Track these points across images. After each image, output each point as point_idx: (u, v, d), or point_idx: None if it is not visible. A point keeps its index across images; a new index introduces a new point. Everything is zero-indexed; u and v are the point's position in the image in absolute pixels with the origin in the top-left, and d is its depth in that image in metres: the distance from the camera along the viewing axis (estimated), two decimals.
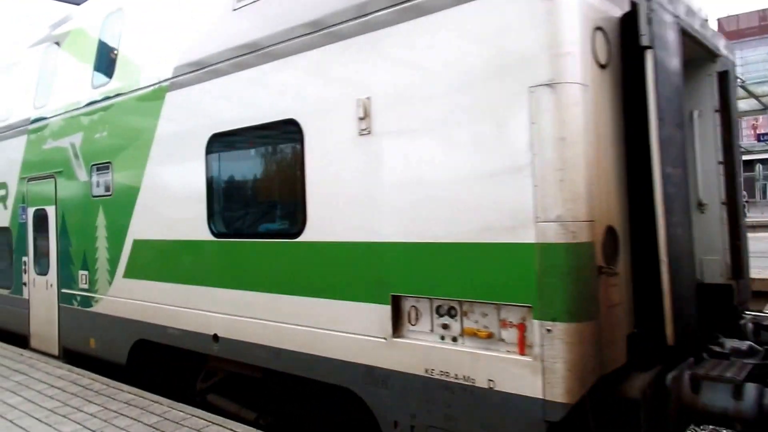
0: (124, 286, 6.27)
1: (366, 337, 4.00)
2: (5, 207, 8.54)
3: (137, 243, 6.08)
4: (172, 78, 5.61)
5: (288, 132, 4.58)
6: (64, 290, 7.30)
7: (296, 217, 4.54)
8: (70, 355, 7.30)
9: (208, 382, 5.72)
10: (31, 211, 7.96)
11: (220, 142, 5.18)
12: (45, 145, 7.60)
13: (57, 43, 7.67)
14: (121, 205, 6.28)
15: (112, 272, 6.43)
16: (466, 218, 3.45)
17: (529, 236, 3.18)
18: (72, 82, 7.25)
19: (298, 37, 4.40)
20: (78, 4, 9.09)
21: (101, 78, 6.69)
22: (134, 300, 6.13)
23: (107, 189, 6.49)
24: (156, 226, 5.85)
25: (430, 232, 3.63)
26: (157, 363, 6.15)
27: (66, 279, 7.24)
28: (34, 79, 8.06)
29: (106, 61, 6.70)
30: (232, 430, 4.74)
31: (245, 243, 4.93)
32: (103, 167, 6.55)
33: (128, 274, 6.21)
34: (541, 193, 3.13)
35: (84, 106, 6.87)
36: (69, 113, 7.14)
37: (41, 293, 7.76)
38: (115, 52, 6.51)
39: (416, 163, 3.70)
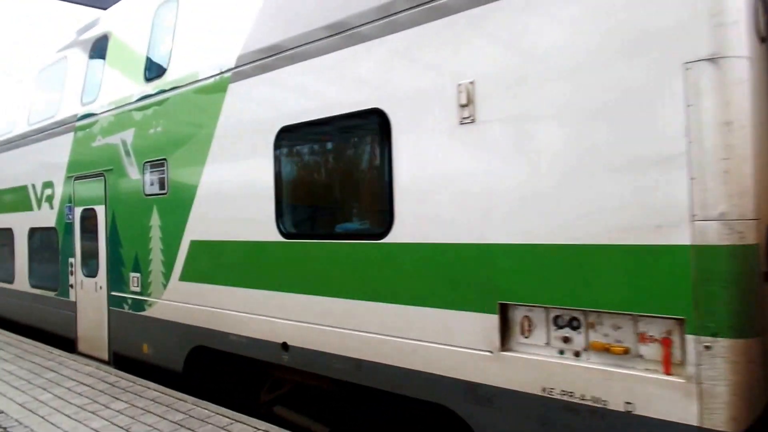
0: (180, 289, 5.96)
1: (468, 350, 3.59)
2: (51, 207, 8.33)
3: (195, 244, 5.76)
4: (235, 68, 5.27)
5: (371, 123, 4.19)
6: (114, 293, 7.04)
7: (381, 217, 4.15)
8: (121, 361, 7.03)
9: (273, 392, 5.37)
10: (78, 210, 7.73)
11: (291, 136, 4.82)
12: (93, 143, 7.35)
13: (105, 37, 7.42)
14: (177, 204, 5.98)
15: (166, 275, 6.13)
16: (596, 217, 3.01)
17: (682, 237, 2.73)
18: (123, 77, 6.98)
19: (388, 16, 4.00)
20: (104, 8, 9.33)
21: (155, 71, 6.40)
22: (192, 304, 5.81)
23: (162, 187, 6.19)
24: (216, 226, 5.52)
25: (548, 232, 3.20)
26: (217, 371, 5.82)
27: (116, 281, 6.97)
28: (81, 75, 7.82)
29: (159, 53, 6.40)
30: (255, 428, 4.80)
31: (320, 244, 4.55)
32: (157, 164, 6.25)
33: (185, 276, 5.90)
34: (699, 187, 2.68)
35: (136, 101, 6.59)
36: (120, 109, 6.87)
37: (89, 296, 7.51)
38: (170, 43, 6.20)
39: (533, 154, 3.27)
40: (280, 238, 4.85)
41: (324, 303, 4.48)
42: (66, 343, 8.15)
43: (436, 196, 3.74)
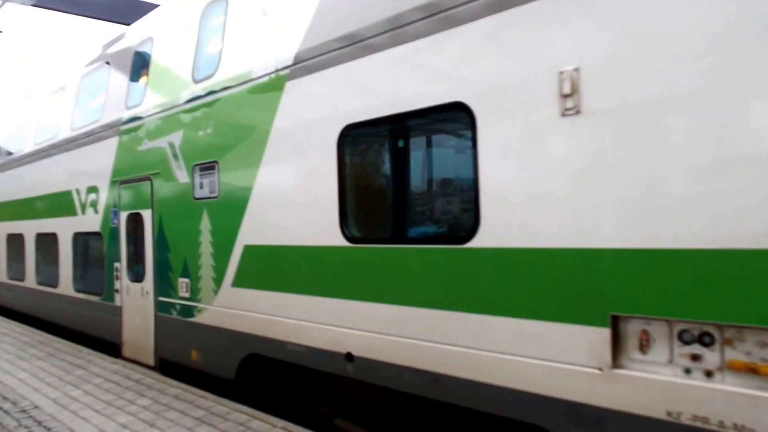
0: (232, 295, 5.72)
1: (570, 366, 3.23)
2: (96, 211, 8.21)
3: (249, 249, 5.51)
4: (293, 65, 5.01)
5: (452, 117, 3.87)
6: (161, 298, 6.84)
7: (464, 219, 3.82)
8: (167, 367, 6.83)
9: (334, 404, 5.07)
10: (124, 215, 7.58)
11: (357, 133, 4.53)
12: (139, 146, 7.18)
13: (150, 40, 7.26)
14: (229, 207, 5.74)
15: (218, 280, 5.89)
16: (740, 218, 2.63)
17: None
18: (169, 79, 6.79)
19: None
20: (128, 23, 9.32)
21: (204, 71, 6.18)
22: (245, 311, 5.56)
23: (212, 191, 5.96)
24: (272, 230, 5.25)
25: (673, 235, 2.83)
26: (272, 380, 5.55)
27: (164, 287, 6.77)
28: (125, 79, 7.68)
29: (208, 53, 6.19)
30: (272, 425, 4.96)
31: (391, 250, 4.23)
32: (207, 167, 6.03)
33: (238, 282, 5.65)
34: None
35: (184, 103, 6.39)
36: (167, 111, 6.69)
37: (135, 301, 7.34)
38: (219, 43, 5.98)
39: (653, 147, 2.90)
40: (345, 243, 4.55)
41: (395, 312, 4.16)
42: (111, 347, 8.00)
43: (531, 196, 3.39)
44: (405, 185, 4.35)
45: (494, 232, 3.57)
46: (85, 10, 12.01)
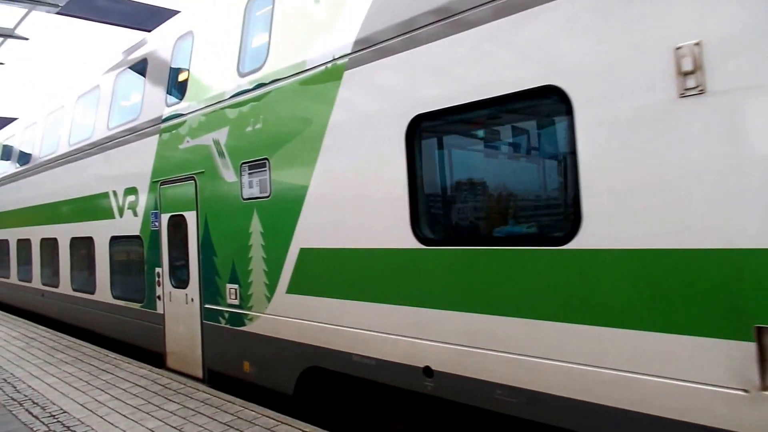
0: (288, 303, 5.36)
1: (707, 387, 2.78)
2: (135, 214, 7.93)
3: (305, 252, 5.14)
4: (353, 53, 4.62)
5: (543, 103, 3.45)
6: (207, 306, 6.52)
7: (562, 218, 3.39)
8: (216, 378, 6.51)
9: (409, 424, 4.67)
10: (165, 217, 7.28)
11: (429, 124, 4.12)
12: (182, 145, 6.87)
13: (190, 34, 6.94)
14: (283, 207, 5.38)
15: (271, 286, 5.54)
16: None
17: None
18: (213, 74, 6.46)
19: None
20: (149, 30, 9.32)
21: (251, 64, 5.83)
22: (304, 320, 5.19)
23: (263, 190, 5.61)
24: (332, 232, 4.87)
25: None
26: (335, 395, 5.18)
27: (210, 293, 6.45)
28: (164, 75, 7.38)
29: (255, 45, 5.84)
30: (300, 429, 4.91)
31: (473, 252, 3.82)
32: (257, 165, 5.68)
33: (294, 289, 5.29)
34: None
35: (230, 98, 6.05)
36: (211, 107, 6.35)
37: (179, 308, 7.04)
38: (267, 33, 5.62)
39: None
40: (417, 245, 4.15)
41: (483, 322, 3.75)
42: (153, 357, 7.73)
43: (646, 189, 2.95)
44: (487, 181, 3.93)
45: (601, 231, 3.13)
46: (107, 17, 12.31)
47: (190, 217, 6.75)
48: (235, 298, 6.03)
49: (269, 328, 5.59)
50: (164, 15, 10.65)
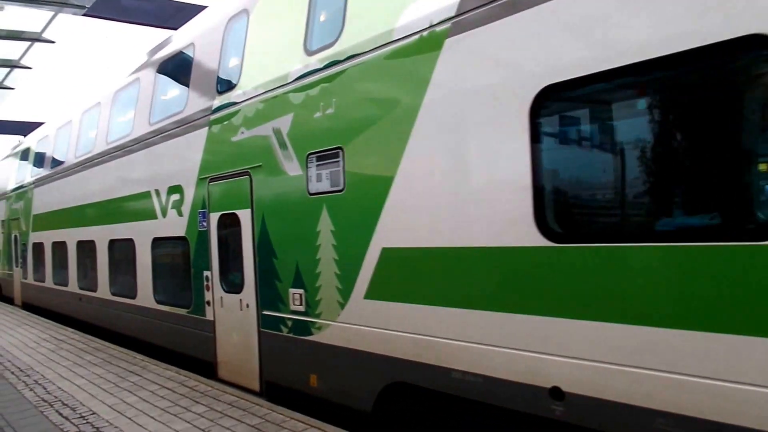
0: (366, 310, 4.70)
1: None
2: (180, 214, 7.37)
3: (389, 253, 4.49)
4: (458, 16, 3.94)
5: (740, 60, 2.73)
6: (266, 312, 5.90)
7: (754, 208, 2.67)
8: (276, 391, 5.87)
9: None
10: (215, 216, 6.69)
11: (565, 96, 3.44)
12: (234, 137, 6.27)
13: (244, 13, 6.35)
14: (360, 202, 4.74)
15: (345, 291, 4.89)
16: None
17: None
18: (273, 54, 5.86)
19: None
20: (175, 28, 9.10)
21: (320, 40, 5.20)
22: (386, 329, 4.53)
23: (335, 183, 4.97)
24: (424, 229, 4.20)
25: None
26: (427, 416, 4.49)
27: (269, 298, 5.83)
28: (214, 61, 6.81)
29: (326, 18, 5.22)
30: (322, 430, 4.85)
31: (625, 250, 3.11)
32: (327, 156, 5.04)
33: (374, 293, 4.63)
34: None
35: (294, 81, 5.43)
36: (271, 93, 5.74)
37: (232, 315, 6.44)
38: (343, 3, 4.98)
39: None
40: (543, 242, 3.45)
41: (638, 335, 3.04)
42: (202, 366, 7.14)
43: None
44: (647, 162, 3.20)
45: None
46: (132, 16, 12.23)
47: (245, 215, 6.14)
48: (300, 304, 5.40)
49: (343, 338, 4.94)
50: (190, 11, 10.65)
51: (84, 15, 11.52)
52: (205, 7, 8.95)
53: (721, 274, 2.74)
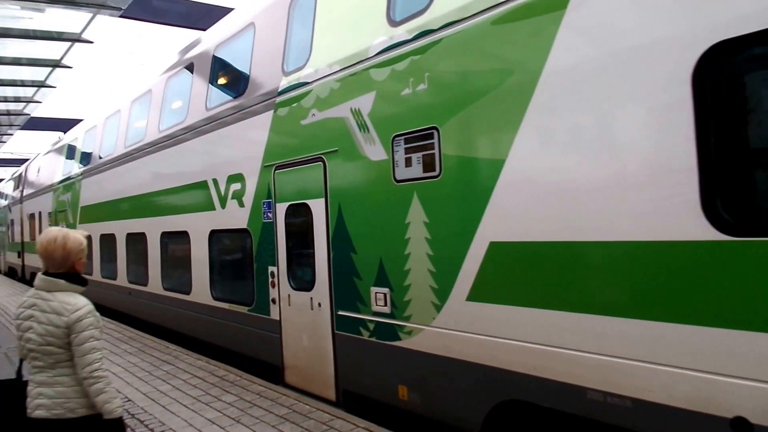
0: (469, 313, 4.09)
1: None
2: (241, 204, 6.89)
3: (499, 248, 3.87)
4: None
5: None
6: (341, 312, 5.36)
7: None
8: (356, 402, 5.34)
9: None
10: (281, 207, 6.18)
11: (737, 57, 2.76)
12: (305, 120, 5.73)
13: None
14: (461, 190, 4.13)
15: (442, 291, 4.30)
16: None
17: None
18: (349, 27, 5.27)
19: None
20: (204, 29, 9.58)
21: (409, 7, 4.59)
22: (495, 337, 3.92)
23: (429, 168, 4.37)
24: (550, 219, 3.57)
25: None
26: None
27: (346, 298, 5.28)
28: (279, 39, 6.27)
29: None
30: (354, 425, 4.89)
31: None
32: (419, 137, 4.44)
33: (479, 295, 4.02)
34: None
35: (376, 55, 4.84)
36: (348, 70, 5.17)
37: (301, 314, 5.92)
38: None
39: None
40: (714, 235, 2.79)
41: None
42: (266, 369, 6.68)
43: None
44: None
45: None
46: (164, 18, 13.03)
47: (317, 206, 5.60)
48: (385, 305, 4.83)
49: (440, 346, 4.35)
50: (217, 14, 11.39)
51: (120, 17, 11.88)
52: (231, 9, 9.23)
53: None
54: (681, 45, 2.92)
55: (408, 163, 4.56)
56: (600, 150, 3.31)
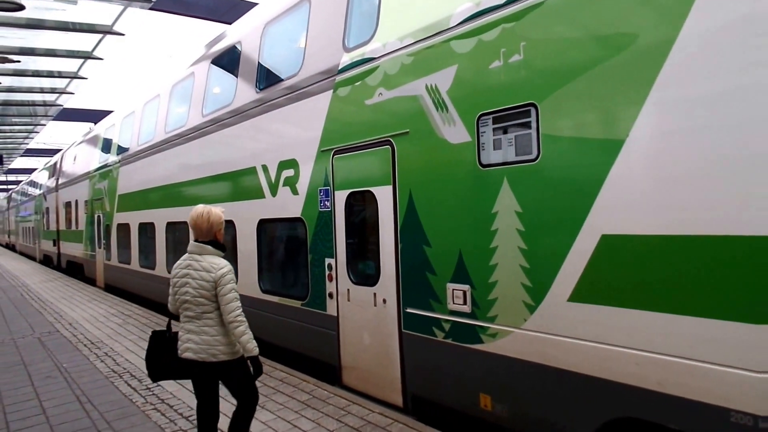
0: (573, 316, 3.59)
1: None
2: (294, 192, 6.47)
3: (615, 242, 3.35)
4: None
5: None
6: (410, 310, 4.90)
7: None
8: (427, 408, 4.89)
9: None
10: (341, 195, 5.73)
11: None
12: (370, 100, 5.26)
13: None
14: (566, 174, 3.61)
15: (537, 290, 3.80)
16: None
17: None
18: None
19: None
20: (229, 22, 9.89)
21: None
22: (606, 344, 3.41)
23: (524, 151, 3.86)
24: (679, 209, 3.04)
25: None
26: None
27: (416, 294, 4.82)
28: (340, 12, 5.80)
29: None
30: (370, 409, 5.07)
31: None
32: (511, 116, 3.93)
33: (585, 295, 3.51)
34: None
35: (459, 24, 4.33)
36: (424, 42, 4.67)
37: (363, 311, 5.48)
38: None
39: None
40: None
41: None
42: (321, 367, 6.28)
43: None
44: None
45: None
46: (192, 11, 13.37)
47: (383, 193, 5.14)
48: (464, 304, 4.35)
49: (532, 351, 3.86)
50: (242, 8, 11.73)
51: (150, 9, 11.87)
52: (256, 3, 9.43)
53: None
54: None
55: (497, 145, 4.05)
56: (748, 128, 2.76)
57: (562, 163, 3.62)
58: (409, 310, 4.92)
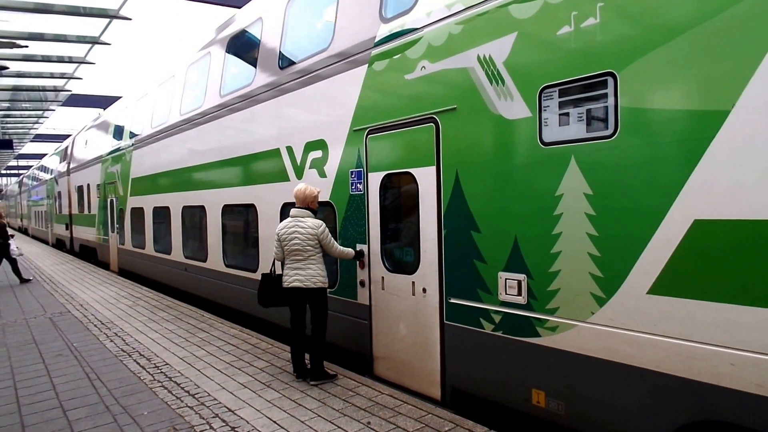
0: (652, 309, 3.21)
1: None
2: (322, 175, 6.10)
3: (710, 228, 2.96)
4: None
5: None
6: (454, 300, 4.54)
7: None
8: (468, 402, 4.55)
9: None
10: (375, 177, 5.36)
11: None
12: (411, 74, 4.86)
13: None
14: (647, 152, 3.21)
15: (609, 281, 3.42)
16: None
17: None
18: None
19: None
20: (239, 7, 9.58)
21: None
22: (689, 341, 3.04)
23: (597, 126, 3.47)
24: None
25: None
26: None
27: (462, 283, 4.46)
28: None
29: None
30: (379, 391, 5.03)
31: None
32: (583, 88, 3.53)
33: (669, 287, 3.13)
34: None
35: None
36: (477, 8, 4.26)
37: (399, 300, 5.13)
38: None
39: None
40: None
41: None
42: (352, 357, 5.94)
43: None
44: None
45: None
46: None
47: (425, 175, 4.76)
48: (519, 294, 3.98)
49: (599, 347, 3.49)
50: None
51: None
52: None
53: None
54: None
55: (563, 120, 3.66)
56: None
57: (646, 139, 3.22)
58: (452, 301, 4.56)
